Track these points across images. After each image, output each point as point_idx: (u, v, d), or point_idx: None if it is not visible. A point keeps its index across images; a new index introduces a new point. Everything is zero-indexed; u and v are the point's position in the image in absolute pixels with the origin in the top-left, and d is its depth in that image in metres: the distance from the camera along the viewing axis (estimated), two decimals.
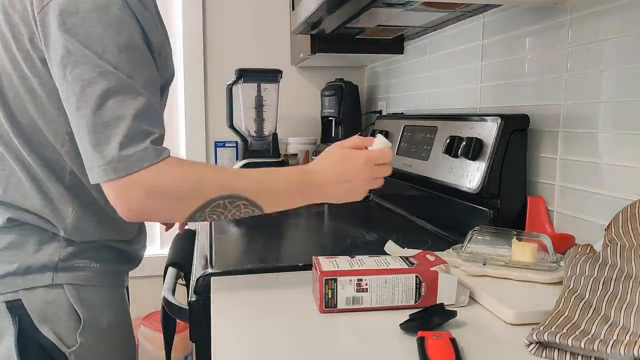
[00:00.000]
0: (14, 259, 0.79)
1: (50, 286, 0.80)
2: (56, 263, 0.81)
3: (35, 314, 0.80)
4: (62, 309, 0.81)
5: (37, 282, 0.80)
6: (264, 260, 1.02)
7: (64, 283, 0.81)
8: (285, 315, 0.74)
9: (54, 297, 0.81)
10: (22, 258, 0.80)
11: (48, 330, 0.80)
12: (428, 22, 1.43)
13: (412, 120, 1.46)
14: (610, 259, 0.69)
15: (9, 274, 0.79)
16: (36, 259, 0.80)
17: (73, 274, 0.82)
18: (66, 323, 0.81)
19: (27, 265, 0.80)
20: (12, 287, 0.79)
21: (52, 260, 0.81)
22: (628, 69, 0.89)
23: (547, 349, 0.62)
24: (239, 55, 2.15)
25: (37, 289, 0.80)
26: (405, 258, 0.80)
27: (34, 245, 0.81)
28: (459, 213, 1.19)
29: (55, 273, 0.81)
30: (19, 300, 0.79)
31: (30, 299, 0.80)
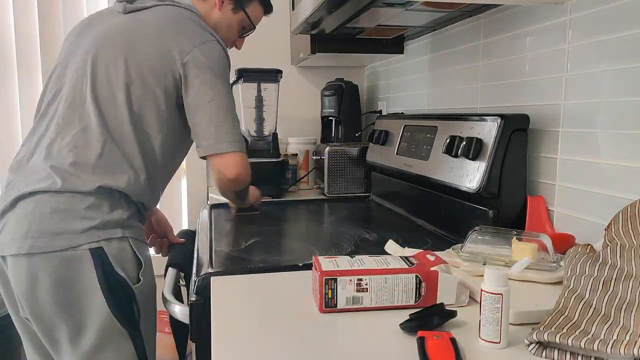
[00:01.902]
0: (96, 216, 1.04)
1: (121, 238, 1.06)
2: (123, 221, 1.07)
3: (113, 259, 1.04)
4: (129, 255, 1.07)
5: (113, 234, 1.05)
6: (264, 260, 1.03)
7: (129, 236, 1.07)
8: (285, 315, 0.75)
9: (124, 246, 1.07)
10: (101, 215, 1.05)
11: (121, 271, 1.05)
12: (428, 22, 1.43)
13: (412, 120, 1.46)
14: (610, 258, 0.69)
15: (92, 228, 1.03)
16: (110, 217, 1.06)
17: (132, 230, 1.09)
18: (132, 266, 1.08)
19: (106, 221, 1.05)
20: (94, 237, 1.03)
21: (122, 218, 1.07)
22: (628, 69, 0.89)
23: (547, 348, 0.62)
24: (239, 55, 2.14)
25: (113, 240, 1.05)
26: (405, 258, 0.80)
27: (108, 207, 1.06)
28: (459, 213, 1.19)
29: (123, 229, 1.07)
30: (101, 248, 1.03)
31: (109, 247, 1.04)
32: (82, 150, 1.06)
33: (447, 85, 1.50)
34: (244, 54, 2.14)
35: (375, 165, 1.65)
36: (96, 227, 1.03)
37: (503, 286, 0.63)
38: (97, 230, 1.03)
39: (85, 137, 1.07)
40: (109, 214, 1.05)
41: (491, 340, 0.64)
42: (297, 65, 2.18)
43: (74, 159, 1.05)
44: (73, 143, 1.06)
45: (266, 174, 1.74)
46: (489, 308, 0.63)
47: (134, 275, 1.08)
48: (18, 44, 2.02)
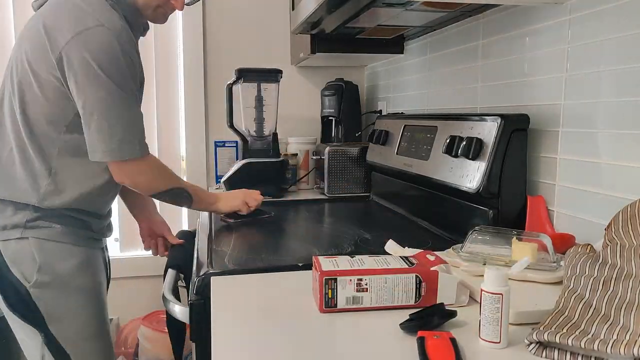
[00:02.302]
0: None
1: (19, 239, 1.09)
2: (25, 223, 1.09)
3: (8, 258, 1.08)
4: (26, 255, 1.09)
5: (10, 236, 1.09)
6: (264, 260, 1.03)
7: (29, 237, 1.09)
8: (285, 315, 0.75)
9: (21, 246, 1.09)
10: (2, 219, 1.09)
11: (16, 270, 1.08)
12: (428, 22, 1.43)
13: (412, 120, 1.46)
14: (610, 258, 0.69)
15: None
16: (11, 220, 1.09)
17: (37, 230, 1.09)
18: (28, 265, 1.08)
19: (5, 224, 1.09)
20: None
21: (22, 221, 1.09)
22: (628, 69, 0.89)
23: (547, 348, 0.62)
24: (239, 55, 2.15)
25: (10, 240, 1.09)
26: (405, 258, 0.80)
27: (11, 210, 1.09)
28: (459, 213, 1.19)
29: (23, 230, 1.09)
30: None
31: (5, 247, 1.09)
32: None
33: (447, 85, 1.50)
34: (244, 54, 2.15)
35: (375, 165, 1.65)
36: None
37: (503, 286, 0.63)
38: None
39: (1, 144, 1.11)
40: (10, 217, 1.09)
41: (491, 340, 0.64)
42: (297, 65, 2.18)
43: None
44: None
45: (266, 174, 1.74)
46: (489, 308, 0.63)
47: (30, 274, 1.08)
48: None
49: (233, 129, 1.75)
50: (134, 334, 2.01)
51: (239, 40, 2.14)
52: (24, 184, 1.09)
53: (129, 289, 2.10)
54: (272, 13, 2.15)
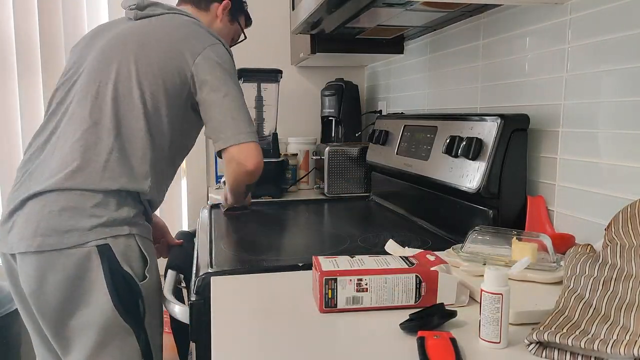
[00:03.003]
0: (103, 214, 1.06)
1: (128, 235, 1.09)
2: (130, 219, 1.10)
3: (119, 255, 1.07)
4: (135, 252, 1.10)
5: (119, 232, 1.08)
6: (264, 260, 1.03)
7: (135, 234, 1.10)
8: (285, 315, 0.75)
9: (130, 243, 1.09)
10: (109, 213, 1.07)
11: (128, 267, 1.08)
12: (428, 22, 1.43)
13: (412, 120, 1.46)
14: (610, 258, 0.69)
15: (99, 225, 1.05)
16: (118, 214, 1.08)
17: (139, 227, 1.12)
18: (138, 263, 1.10)
19: (113, 219, 1.07)
20: (102, 234, 1.05)
21: (129, 216, 1.09)
22: (628, 69, 0.89)
23: (547, 348, 0.62)
24: (239, 55, 2.14)
25: (119, 237, 1.07)
26: (405, 258, 0.80)
27: (115, 205, 1.08)
28: (459, 213, 1.19)
29: (130, 226, 1.09)
30: (107, 245, 1.06)
31: (115, 244, 1.07)
32: (92, 148, 1.07)
33: (447, 85, 1.50)
34: (244, 54, 2.15)
35: (375, 165, 1.65)
36: (103, 225, 1.05)
37: (503, 286, 0.63)
38: (104, 227, 1.05)
39: (96, 133, 1.09)
40: (116, 211, 1.07)
41: (491, 340, 0.64)
42: (297, 65, 2.18)
43: (83, 156, 1.06)
44: (83, 140, 1.07)
45: (266, 173, 1.72)
46: (489, 308, 0.63)
47: (140, 272, 1.10)
48: (18, 44, 2.03)
49: None
50: None
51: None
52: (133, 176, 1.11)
53: None
54: (272, 13, 2.15)
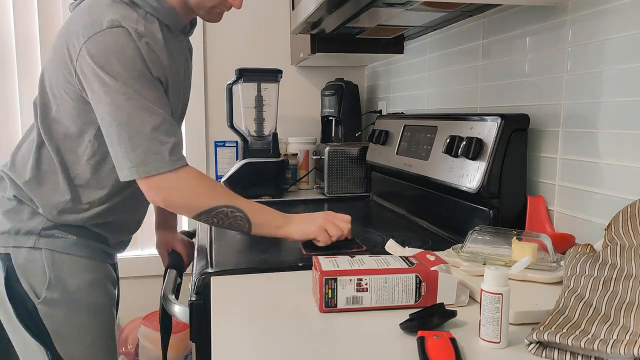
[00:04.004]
0: (10, 222, 1.02)
1: (32, 248, 1.01)
2: (40, 230, 1.02)
3: (18, 268, 1.01)
4: (37, 267, 1.01)
5: (22, 243, 1.01)
6: (264, 260, 1.02)
7: (42, 247, 1.01)
8: (285, 315, 0.75)
9: (33, 257, 1.01)
10: (17, 222, 1.02)
11: (25, 282, 1.01)
12: (428, 22, 1.43)
13: (412, 120, 1.46)
14: (610, 258, 0.69)
15: (4, 233, 1.02)
16: (26, 224, 1.02)
17: (52, 240, 1.02)
18: (38, 279, 1.01)
19: (18, 229, 1.01)
20: (4, 243, 1.01)
21: (37, 227, 1.02)
22: (628, 69, 0.89)
23: (547, 348, 0.62)
24: (239, 55, 2.15)
25: (22, 248, 1.01)
26: (405, 258, 0.80)
27: (28, 214, 1.02)
28: (459, 213, 1.19)
29: (38, 238, 1.01)
30: (8, 254, 1.01)
31: (16, 256, 1.01)
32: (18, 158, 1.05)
33: (447, 85, 1.50)
34: (244, 54, 2.15)
35: (375, 165, 1.65)
36: (7, 232, 1.01)
37: (503, 286, 0.63)
38: (7, 235, 1.01)
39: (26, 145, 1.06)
40: (26, 221, 1.01)
41: (491, 340, 0.64)
42: (297, 65, 2.18)
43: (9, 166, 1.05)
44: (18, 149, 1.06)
45: (266, 173, 1.74)
46: (489, 308, 0.63)
47: (40, 289, 1.01)
48: (18, 44, 2.03)
49: (233, 129, 1.75)
50: (134, 333, 2.02)
51: (239, 40, 2.14)
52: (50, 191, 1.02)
53: (130, 289, 2.10)
54: (272, 13, 2.15)
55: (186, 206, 0.97)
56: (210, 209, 0.97)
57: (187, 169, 0.97)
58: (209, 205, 0.97)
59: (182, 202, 0.97)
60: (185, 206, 0.97)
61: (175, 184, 0.95)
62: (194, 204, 0.97)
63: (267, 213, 1.03)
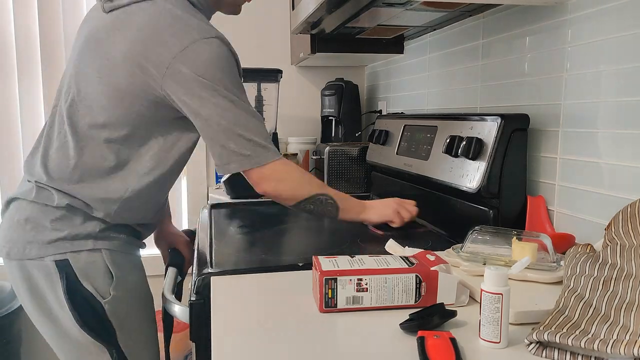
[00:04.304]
0: (64, 228, 1.01)
1: (92, 250, 1.02)
2: (97, 233, 1.03)
3: (79, 272, 1.01)
4: (100, 268, 1.03)
5: (81, 246, 1.02)
6: (264, 260, 1.02)
7: (102, 248, 1.03)
8: (285, 315, 0.75)
9: (94, 259, 1.02)
10: (71, 228, 1.01)
11: (89, 285, 1.01)
12: (428, 22, 1.43)
13: (412, 120, 1.46)
14: (610, 258, 0.69)
15: (60, 239, 1.01)
16: (81, 229, 1.02)
17: (108, 241, 1.05)
18: (102, 280, 1.03)
19: (75, 233, 1.01)
20: (61, 249, 1.01)
21: (94, 230, 1.03)
22: (628, 69, 0.89)
23: (547, 348, 0.62)
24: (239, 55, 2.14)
25: (81, 252, 1.01)
26: (405, 258, 0.80)
27: (80, 219, 1.02)
28: (459, 213, 1.19)
29: (95, 240, 1.03)
30: (66, 260, 1.00)
31: (75, 260, 1.01)
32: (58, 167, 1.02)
33: (447, 85, 1.50)
34: (244, 54, 2.15)
35: (375, 165, 1.65)
36: (64, 239, 1.01)
37: (503, 286, 0.63)
38: (64, 241, 1.01)
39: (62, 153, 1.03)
40: (80, 225, 1.02)
41: (491, 340, 0.64)
42: (297, 65, 2.18)
43: (49, 173, 1.02)
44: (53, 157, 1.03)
45: None
46: (489, 308, 0.63)
47: (105, 289, 1.03)
48: (18, 44, 2.03)
49: None
50: None
51: (239, 40, 2.14)
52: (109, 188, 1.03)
53: None
54: (272, 13, 2.15)
55: (292, 194, 1.06)
56: (311, 196, 1.07)
57: (286, 161, 1.06)
58: (310, 193, 1.07)
59: (289, 190, 1.06)
60: (291, 195, 1.06)
61: (280, 175, 1.04)
62: (299, 192, 1.07)
63: (350, 200, 1.15)
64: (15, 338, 1.92)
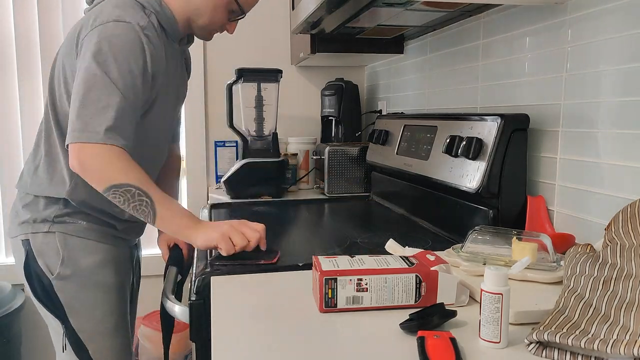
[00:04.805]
0: (28, 213, 1.17)
1: (47, 233, 1.15)
2: (52, 218, 1.16)
3: (35, 250, 1.15)
4: (52, 249, 1.15)
5: (39, 229, 1.16)
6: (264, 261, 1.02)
7: (56, 231, 1.15)
8: (285, 315, 0.75)
9: (48, 240, 1.15)
10: (33, 212, 1.16)
11: (41, 262, 1.15)
12: (428, 22, 1.43)
13: (412, 120, 1.46)
14: (610, 258, 0.69)
15: (25, 222, 1.17)
16: (41, 214, 1.16)
17: (64, 225, 1.16)
18: (53, 259, 1.15)
19: (35, 217, 1.16)
20: (25, 230, 1.16)
21: (50, 215, 1.16)
22: (628, 69, 0.89)
23: (547, 348, 0.62)
24: (239, 55, 2.15)
25: (38, 233, 1.16)
26: (405, 258, 0.80)
27: (43, 205, 1.16)
28: (459, 213, 1.19)
29: (51, 224, 1.16)
30: (27, 240, 1.16)
31: (34, 240, 1.16)
32: (32, 154, 1.19)
33: (447, 85, 1.50)
34: (244, 54, 2.15)
35: (375, 165, 1.65)
36: (27, 222, 1.16)
37: (503, 286, 0.63)
38: (27, 224, 1.16)
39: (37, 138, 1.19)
40: (42, 211, 1.16)
41: (491, 340, 0.64)
42: (297, 65, 2.18)
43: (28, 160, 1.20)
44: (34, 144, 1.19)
45: (266, 173, 1.74)
46: (489, 308, 0.63)
47: (54, 267, 1.14)
48: (18, 44, 2.03)
49: (233, 129, 1.75)
50: (134, 333, 2.02)
51: (239, 40, 2.14)
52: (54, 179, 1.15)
53: None
54: (272, 13, 2.15)
55: (97, 176, 1.00)
56: (119, 184, 0.98)
57: (114, 148, 1.00)
58: (118, 180, 0.98)
59: (95, 171, 1.00)
60: (96, 176, 1.00)
61: (95, 154, 0.99)
62: (105, 175, 0.99)
63: (177, 210, 1.02)
64: (15, 338, 1.92)
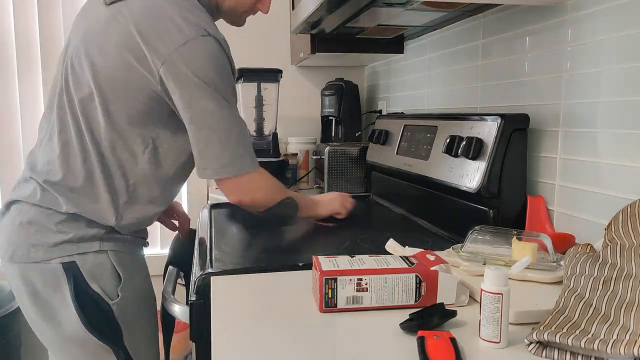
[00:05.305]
0: (70, 230, 1.00)
1: (98, 252, 1.02)
2: (103, 235, 1.02)
3: (87, 273, 1.00)
4: (107, 270, 1.02)
5: (88, 248, 1.01)
6: (264, 260, 1.02)
7: (108, 249, 1.03)
8: (285, 315, 0.75)
9: (101, 260, 1.02)
10: (77, 230, 1.00)
11: (96, 286, 1.01)
12: (428, 22, 1.43)
13: (412, 120, 1.46)
14: (610, 258, 0.69)
15: (66, 242, 0.99)
16: (87, 231, 1.01)
17: (114, 242, 1.04)
18: (110, 281, 1.02)
19: (81, 235, 1.00)
20: (67, 251, 0.99)
21: (100, 232, 1.02)
22: (627, 69, 0.89)
23: (547, 348, 0.62)
24: (239, 55, 2.15)
25: (88, 254, 1.01)
26: (405, 258, 0.80)
27: (85, 222, 1.01)
28: (459, 213, 1.19)
29: (102, 242, 1.02)
30: (74, 262, 0.99)
31: (83, 262, 1.00)
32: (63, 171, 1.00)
33: (447, 85, 1.50)
34: (244, 54, 2.15)
35: (375, 165, 1.65)
36: (69, 241, 0.99)
37: (503, 286, 0.63)
38: (70, 244, 1.00)
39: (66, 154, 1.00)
40: (85, 228, 1.01)
41: (491, 340, 0.64)
42: (297, 65, 2.18)
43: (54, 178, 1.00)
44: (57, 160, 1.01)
45: None
46: (489, 308, 0.63)
47: (113, 290, 1.02)
48: (18, 44, 2.03)
49: None
50: None
51: (239, 40, 2.14)
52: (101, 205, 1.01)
53: None
54: (272, 13, 2.15)
55: (265, 203, 1.10)
56: (280, 201, 1.12)
57: (261, 170, 1.08)
58: (279, 198, 1.12)
59: (263, 199, 1.09)
60: (264, 203, 1.10)
61: (257, 184, 1.07)
62: (271, 199, 1.10)
63: (304, 198, 1.24)
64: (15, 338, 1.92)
